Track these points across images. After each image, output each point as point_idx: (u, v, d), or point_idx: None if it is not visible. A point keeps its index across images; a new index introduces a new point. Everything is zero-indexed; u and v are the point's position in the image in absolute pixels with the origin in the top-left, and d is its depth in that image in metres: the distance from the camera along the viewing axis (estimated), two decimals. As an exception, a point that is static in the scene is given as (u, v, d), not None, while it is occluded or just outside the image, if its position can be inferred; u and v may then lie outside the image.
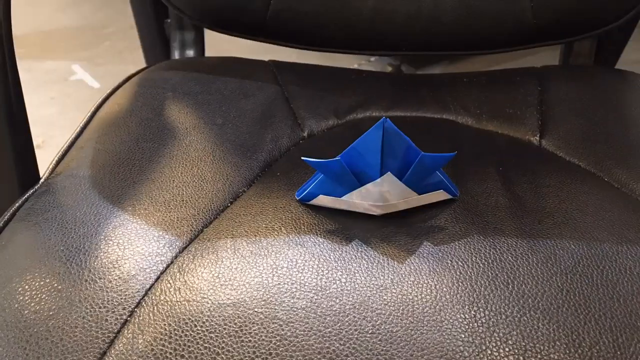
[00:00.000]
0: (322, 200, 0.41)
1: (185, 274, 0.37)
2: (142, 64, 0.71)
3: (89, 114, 0.55)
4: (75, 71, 1.59)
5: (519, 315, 0.33)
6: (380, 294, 0.35)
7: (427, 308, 0.34)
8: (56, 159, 0.49)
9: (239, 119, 0.53)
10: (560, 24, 0.61)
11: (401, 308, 0.34)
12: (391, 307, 0.34)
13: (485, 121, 0.56)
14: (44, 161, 0.49)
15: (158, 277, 0.37)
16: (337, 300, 0.34)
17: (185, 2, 0.64)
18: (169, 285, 0.36)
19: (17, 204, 0.44)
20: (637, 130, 0.53)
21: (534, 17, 0.60)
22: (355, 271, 0.36)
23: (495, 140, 0.53)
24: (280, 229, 0.40)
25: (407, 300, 0.34)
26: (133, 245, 0.39)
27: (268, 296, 0.35)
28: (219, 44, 0.83)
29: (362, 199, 0.40)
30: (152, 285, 0.36)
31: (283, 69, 0.63)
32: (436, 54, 0.64)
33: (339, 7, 0.61)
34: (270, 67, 0.63)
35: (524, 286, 0.35)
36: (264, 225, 0.40)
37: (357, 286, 0.35)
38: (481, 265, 0.36)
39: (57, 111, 1.40)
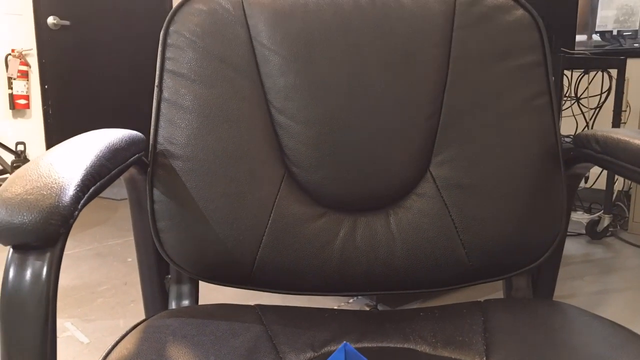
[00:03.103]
0: (301, 419, 0.49)
1: None
2: (132, 317, 0.81)
3: (100, 359, 0.63)
4: (68, 328, 1.67)
5: None
6: None
7: None
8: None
9: (229, 355, 0.62)
10: (492, 265, 0.76)
11: None
12: None
13: (440, 348, 0.66)
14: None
15: None
16: None
17: (184, 261, 0.78)
18: None
19: None
20: (567, 351, 0.63)
21: (469, 261, 0.74)
22: None
23: (448, 364, 0.62)
24: None
25: None
26: None
27: None
28: (210, 293, 0.95)
29: (334, 415, 0.47)
30: None
31: (267, 311, 0.74)
32: (392, 293, 0.77)
33: (312, 256, 0.75)
34: (256, 310, 0.74)
35: None
36: None
37: None
38: None
39: (47, 368, 1.44)
